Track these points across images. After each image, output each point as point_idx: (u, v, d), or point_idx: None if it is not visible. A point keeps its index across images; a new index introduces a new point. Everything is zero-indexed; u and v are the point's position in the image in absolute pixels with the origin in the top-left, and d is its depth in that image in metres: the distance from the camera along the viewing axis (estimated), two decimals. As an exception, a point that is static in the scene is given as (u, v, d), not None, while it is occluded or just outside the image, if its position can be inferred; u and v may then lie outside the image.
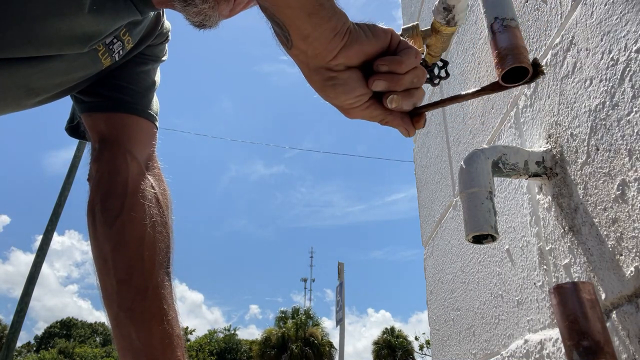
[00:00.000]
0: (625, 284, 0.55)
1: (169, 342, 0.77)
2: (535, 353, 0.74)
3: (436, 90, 1.43)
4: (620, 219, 0.57)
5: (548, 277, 0.73)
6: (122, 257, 0.81)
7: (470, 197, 0.66)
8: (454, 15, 0.84)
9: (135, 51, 0.93)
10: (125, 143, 0.92)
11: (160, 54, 1.01)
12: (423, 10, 1.57)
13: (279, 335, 30.99)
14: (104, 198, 0.86)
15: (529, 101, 0.82)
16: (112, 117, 0.93)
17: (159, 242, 0.85)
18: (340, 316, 11.24)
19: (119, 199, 0.86)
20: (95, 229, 0.85)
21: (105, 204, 0.86)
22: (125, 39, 0.86)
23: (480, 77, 1.05)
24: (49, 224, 8.45)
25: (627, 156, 0.56)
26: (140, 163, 0.92)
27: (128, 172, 0.89)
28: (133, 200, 0.86)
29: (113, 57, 0.87)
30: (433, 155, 1.46)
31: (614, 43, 0.59)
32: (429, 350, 27.39)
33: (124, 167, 0.89)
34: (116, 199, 0.86)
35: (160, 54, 1.01)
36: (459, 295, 1.16)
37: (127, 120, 0.93)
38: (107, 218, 0.84)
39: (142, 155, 0.93)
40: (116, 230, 0.83)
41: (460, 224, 1.17)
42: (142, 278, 0.80)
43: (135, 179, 0.89)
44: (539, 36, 0.79)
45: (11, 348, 7.78)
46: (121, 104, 0.93)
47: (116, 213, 0.84)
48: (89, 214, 0.87)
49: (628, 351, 0.55)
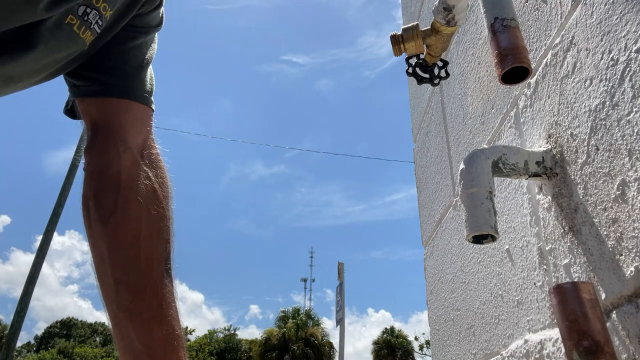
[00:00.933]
0: (625, 284, 0.55)
1: (170, 343, 0.76)
2: (535, 353, 0.74)
3: (436, 90, 1.43)
4: (620, 219, 0.57)
5: (548, 277, 0.73)
6: (118, 257, 0.79)
7: (471, 197, 0.66)
8: (454, 15, 0.84)
9: (121, 22, 0.86)
10: (117, 130, 0.87)
11: (154, 22, 0.93)
12: (423, 10, 1.57)
13: (280, 335, 31.00)
14: (97, 193, 0.83)
15: (529, 101, 0.82)
16: (103, 103, 0.88)
17: (157, 239, 0.82)
18: (340, 316, 11.24)
19: (112, 195, 0.83)
20: (90, 226, 0.82)
21: (98, 201, 0.83)
22: (101, 5, 0.79)
23: (480, 77, 1.05)
24: (49, 224, 8.45)
25: (627, 156, 0.56)
26: (134, 152, 0.88)
27: (120, 164, 0.85)
28: (127, 196, 0.83)
29: (92, 29, 0.79)
30: (433, 155, 1.45)
31: (614, 43, 0.59)
32: (429, 350, 27.39)
33: (116, 159, 0.85)
34: (109, 195, 0.83)
35: (154, 22, 0.93)
36: (459, 295, 1.16)
37: (119, 105, 0.88)
38: (100, 216, 0.81)
39: (136, 142, 0.89)
40: (110, 229, 0.80)
41: (460, 224, 1.17)
42: (139, 278, 0.78)
43: (128, 172, 0.85)
44: (539, 36, 0.79)
45: (11, 348, 7.78)
46: (111, 88, 0.88)
47: (110, 211, 0.82)
48: (83, 209, 0.84)
49: (628, 351, 0.55)
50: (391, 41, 0.90)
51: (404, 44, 0.89)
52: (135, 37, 0.90)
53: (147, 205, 0.84)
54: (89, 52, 0.84)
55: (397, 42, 0.90)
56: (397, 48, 0.90)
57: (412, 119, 1.79)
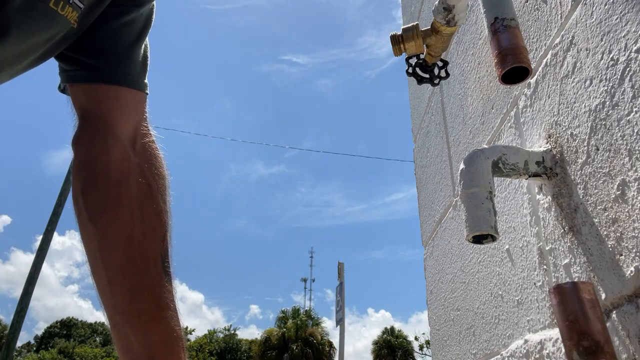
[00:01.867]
0: (625, 284, 0.55)
1: (169, 344, 0.74)
2: (535, 353, 0.74)
3: (436, 90, 1.43)
4: (620, 219, 0.57)
5: (548, 277, 0.73)
6: (111, 258, 0.76)
7: (471, 197, 0.66)
8: (454, 15, 0.84)
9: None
10: (106, 120, 0.82)
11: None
12: (423, 10, 1.57)
13: (279, 335, 31.00)
14: (85, 190, 0.79)
15: (529, 101, 0.82)
16: (91, 89, 0.83)
17: (152, 237, 0.78)
18: (340, 316, 11.25)
19: (101, 193, 0.78)
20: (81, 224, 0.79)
21: (87, 198, 0.79)
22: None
23: (480, 77, 1.05)
24: (49, 224, 8.44)
25: (627, 156, 0.56)
26: (124, 144, 0.82)
27: (109, 158, 0.80)
28: (118, 194, 0.79)
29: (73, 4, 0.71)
30: (433, 155, 1.45)
31: (614, 43, 0.59)
32: (429, 350, 27.39)
33: (104, 152, 0.80)
34: (98, 193, 0.79)
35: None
36: (459, 295, 1.16)
37: (108, 92, 0.82)
38: (90, 215, 0.77)
39: (126, 132, 0.83)
40: (101, 229, 0.77)
41: (460, 224, 1.17)
42: (136, 279, 0.75)
43: (118, 167, 0.80)
44: (539, 36, 0.79)
45: (11, 348, 7.78)
46: (100, 73, 0.82)
47: (100, 209, 0.77)
48: (74, 206, 0.80)
49: (628, 351, 0.55)
50: (391, 41, 0.90)
51: (404, 44, 0.89)
52: (126, 12, 0.83)
53: (139, 202, 0.80)
54: (78, 31, 0.77)
55: (397, 42, 0.90)
56: (397, 48, 0.90)
57: (412, 119, 1.79)
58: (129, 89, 0.84)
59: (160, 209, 0.82)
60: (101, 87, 0.83)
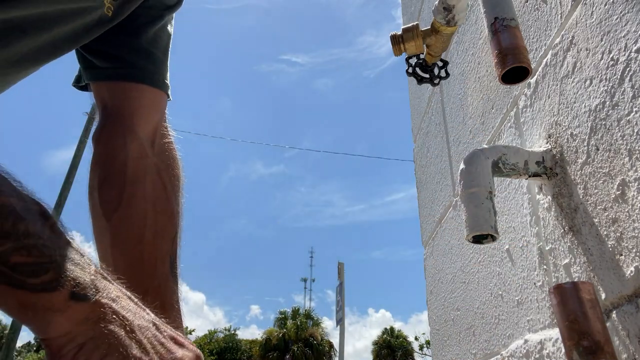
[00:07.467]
0: (625, 284, 0.55)
1: None
2: (535, 353, 0.74)
3: (436, 90, 1.43)
4: (620, 219, 0.57)
5: (548, 277, 0.73)
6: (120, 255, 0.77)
7: (471, 197, 0.66)
8: (454, 15, 0.84)
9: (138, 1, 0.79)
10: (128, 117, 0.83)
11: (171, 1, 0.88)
12: (423, 10, 1.57)
13: (280, 336, 31.00)
14: (102, 185, 0.80)
15: (529, 101, 0.82)
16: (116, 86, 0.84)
17: (162, 238, 0.79)
18: (340, 316, 11.25)
19: (117, 189, 0.79)
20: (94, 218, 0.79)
21: (103, 193, 0.80)
22: None
23: (480, 77, 1.05)
24: (49, 224, 8.43)
25: (627, 156, 0.56)
26: (143, 143, 0.83)
27: (127, 155, 0.81)
28: (133, 191, 0.79)
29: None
30: (433, 155, 1.45)
31: (614, 43, 0.59)
32: (429, 350, 27.40)
33: (123, 150, 0.81)
34: (114, 189, 0.79)
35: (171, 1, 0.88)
36: (459, 295, 1.16)
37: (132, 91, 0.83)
38: (104, 210, 0.78)
39: (146, 130, 0.84)
40: (114, 225, 0.78)
41: (460, 224, 1.17)
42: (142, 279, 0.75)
43: (135, 165, 0.81)
44: (539, 36, 0.79)
45: (11, 348, 7.78)
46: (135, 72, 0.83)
47: (114, 206, 0.78)
48: (89, 199, 0.81)
49: (628, 351, 0.55)
50: (391, 41, 0.90)
51: (404, 43, 0.89)
52: (161, 17, 0.86)
53: (153, 201, 0.81)
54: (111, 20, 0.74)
55: (397, 42, 0.90)
56: (397, 48, 0.90)
57: (412, 119, 1.79)
58: (152, 88, 0.85)
59: (173, 209, 0.82)
60: (125, 84, 0.83)
